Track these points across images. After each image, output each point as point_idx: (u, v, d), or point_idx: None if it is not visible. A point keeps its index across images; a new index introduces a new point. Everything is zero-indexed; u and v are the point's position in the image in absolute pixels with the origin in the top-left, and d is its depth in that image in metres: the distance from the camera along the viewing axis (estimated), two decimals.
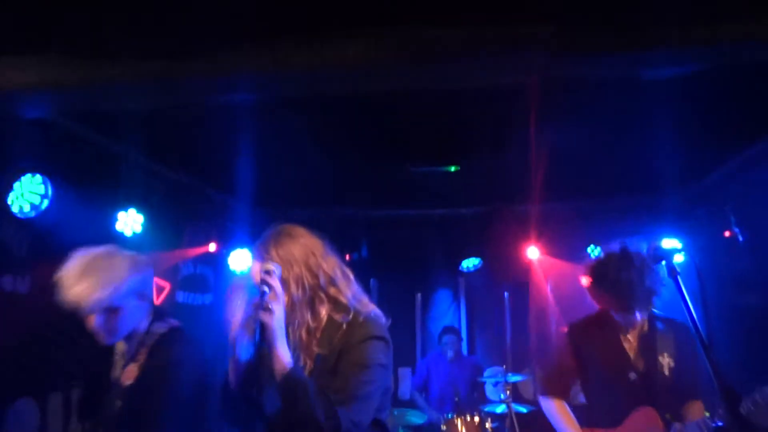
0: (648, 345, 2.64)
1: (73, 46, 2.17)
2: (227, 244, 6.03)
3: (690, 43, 2.20)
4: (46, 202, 3.13)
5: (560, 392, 2.82)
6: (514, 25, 1.95)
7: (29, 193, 3.08)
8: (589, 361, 2.74)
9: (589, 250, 6.11)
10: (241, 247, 6.07)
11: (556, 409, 2.79)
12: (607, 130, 4.01)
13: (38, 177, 3.10)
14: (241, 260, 6.08)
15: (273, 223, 2.11)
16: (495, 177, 5.16)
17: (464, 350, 6.45)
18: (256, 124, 3.83)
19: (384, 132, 3.87)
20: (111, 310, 2.11)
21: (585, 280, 2.71)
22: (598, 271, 2.64)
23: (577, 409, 2.83)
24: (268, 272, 1.87)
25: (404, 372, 6.57)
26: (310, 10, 2.03)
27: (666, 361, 2.57)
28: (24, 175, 3.07)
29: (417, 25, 1.98)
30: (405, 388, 6.43)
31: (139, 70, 2.13)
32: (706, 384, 2.43)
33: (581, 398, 2.86)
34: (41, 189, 3.11)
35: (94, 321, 2.12)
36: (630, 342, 2.69)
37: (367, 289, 6.71)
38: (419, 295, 6.90)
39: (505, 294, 6.54)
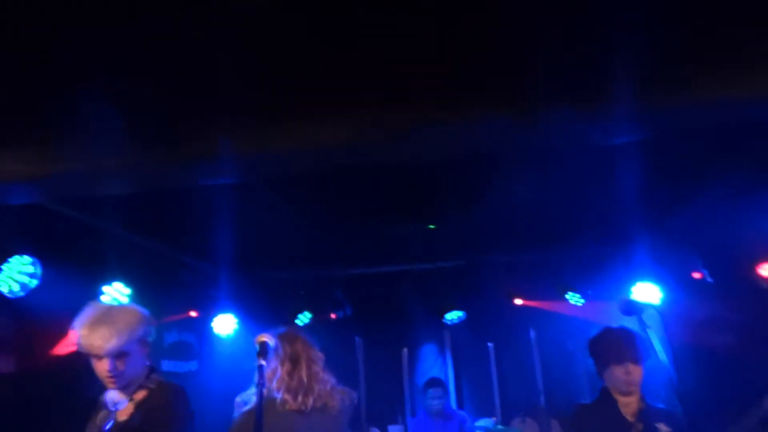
0: (645, 415, 2.87)
1: (60, 140, 2.29)
2: (210, 309, 6.07)
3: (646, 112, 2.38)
4: (35, 282, 3.19)
5: None
6: (469, 106, 2.12)
7: (18, 274, 3.14)
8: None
9: (568, 296, 6.27)
10: (224, 312, 6.11)
11: None
12: (573, 184, 4.20)
13: (27, 258, 3.17)
14: (224, 325, 6.10)
15: (253, 287, 2.29)
16: (471, 232, 5.32)
17: (453, 404, 6.45)
18: (233, 196, 3.95)
19: (359, 198, 4.02)
20: (122, 355, 2.33)
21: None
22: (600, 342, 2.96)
23: None
24: None
25: (395, 429, 6.54)
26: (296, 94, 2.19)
27: (663, 428, 2.79)
28: (12, 256, 3.14)
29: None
30: None
31: (125, 160, 2.26)
32: None
33: None
34: (30, 269, 3.18)
35: (107, 365, 2.32)
36: (629, 411, 2.92)
37: (352, 348, 6.75)
38: (405, 350, 6.93)
39: (489, 345, 6.61)
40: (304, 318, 6.63)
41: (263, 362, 2.18)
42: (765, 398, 2.59)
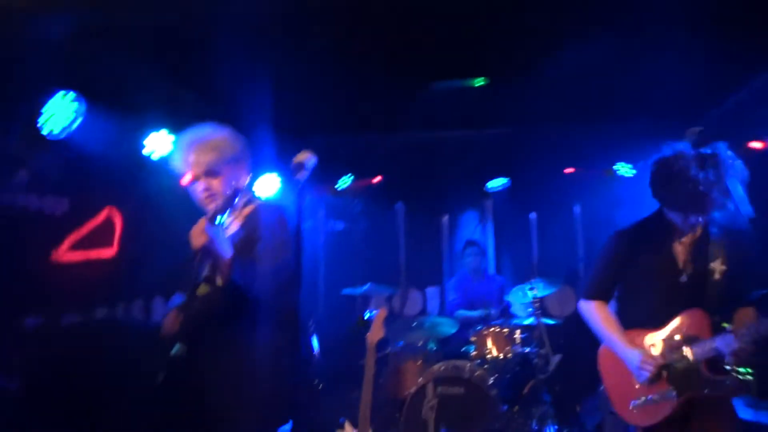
0: (701, 249, 2.59)
1: None
2: (253, 171, 6.08)
3: None
4: (78, 122, 3.17)
5: (603, 295, 2.79)
6: None
7: (61, 114, 3.11)
8: (637, 264, 2.69)
9: (617, 167, 6.06)
10: (268, 172, 6.13)
11: (597, 312, 2.76)
12: (634, 46, 3.87)
13: (71, 95, 3.13)
14: (267, 185, 6.15)
15: (295, 150, 2.22)
16: (522, 95, 5.06)
17: (491, 269, 6.54)
18: (276, 40, 3.77)
19: (406, 43, 3.77)
20: (215, 175, 2.38)
21: (653, 176, 2.62)
22: (673, 167, 2.51)
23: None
24: None
25: (432, 291, 6.72)
26: None
27: (718, 265, 2.54)
28: (56, 93, 3.09)
29: None
30: (433, 306, 6.60)
31: None
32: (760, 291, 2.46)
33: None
34: (73, 107, 3.14)
35: (201, 185, 2.39)
36: (683, 245, 2.63)
37: (393, 213, 6.82)
38: (446, 217, 6.93)
39: (532, 215, 6.54)
40: (345, 182, 6.64)
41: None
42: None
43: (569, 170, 6.18)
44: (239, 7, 3.23)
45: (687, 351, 2.49)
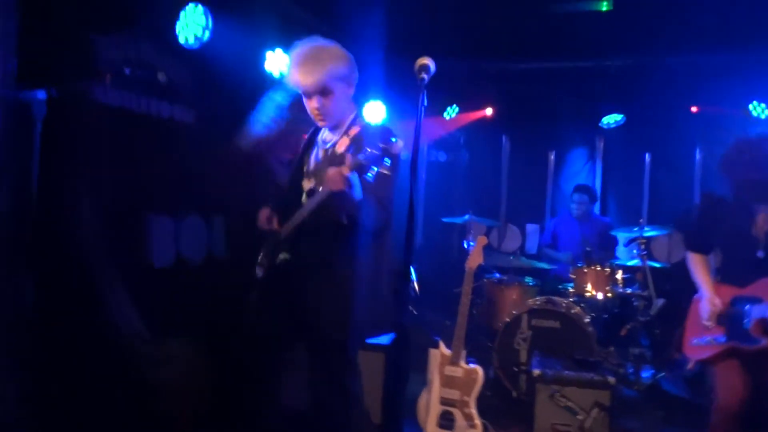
0: None
1: None
2: (358, 95, 6.14)
3: None
4: (207, 34, 3.33)
5: (700, 248, 3.02)
6: None
7: (193, 24, 3.28)
8: (723, 227, 2.91)
9: (751, 107, 5.55)
10: (374, 99, 6.17)
11: (693, 262, 3.02)
12: None
13: (200, 7, 3.28)
14: (375, 112, 6.20)
15: (402, 75, 2.19)
16: (644, 24, 4.71)
17: (596, 210, 6.33)
18: None
19: None
20: (328, 93, 2.42)
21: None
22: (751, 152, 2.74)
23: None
24: None
25: (532, 228, 6.63)
26: None
27: None
28: (188, 5, 3.25)
29: None
30: (532, 244, 6.53)
31: None
32: None
33: None
34: (203, 20, 3.30)
35: (315, 102, 2.44)
36: (762, 226, 2.78)
37: (498, 146, 6.71)
38: (553, 153, 6.72)
39: (646, 155, 6.19)
40: (451, 111, 6.57)
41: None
42: None
43: (694, 109, 5.74)
44: None
45: (747, 307, 2.72)
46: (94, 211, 2.89)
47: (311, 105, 2.46)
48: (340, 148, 2.48)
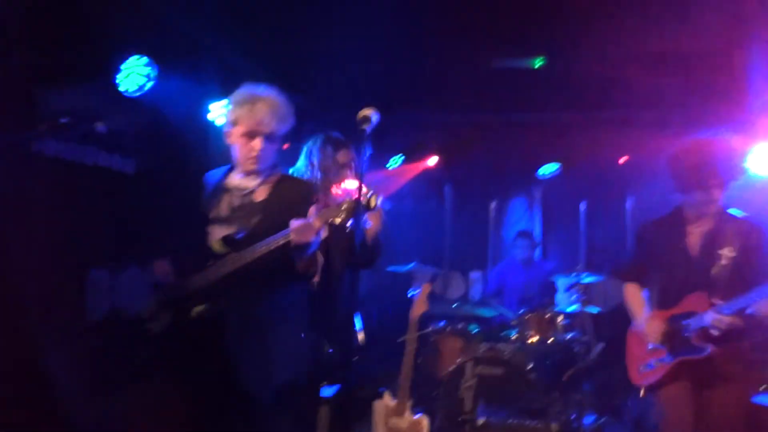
0: (712, 236, 2.88)
1: None
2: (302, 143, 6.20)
3: None
4: (150, 84, 3.32)
5: (635, 278, 3.17)
6: None
7: (136, 74, 3.27)
8: (655, 251, 3.05)
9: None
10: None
11: (629, 293, 3.18)
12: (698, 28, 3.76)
13: (144, 59, 3.28)
14: None
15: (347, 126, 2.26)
16: (580, 80, 4.99)
17: (537, 256, 6.51)
18: (335, 11, 3.80)
19: (467, 17, 3.76)
20: (272, 138, 2.43)
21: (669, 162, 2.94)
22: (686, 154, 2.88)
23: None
24: None
25: (476, 275, 6.74)
26: None
27: (727, 252, 2.80)
28: (131, 56, 3.25)
29: None
30: (475, 291, 6.62)
31: None
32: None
33: None
34: (146, 70, 3.30)
35: (259, 144, 2.41)
36: (695, 233, 2.93)
37: (441, 196, 6.82)
38: (494, 202, 6.91)
39: (582, 204, 6.46)
40: (395, 161, 6.70)
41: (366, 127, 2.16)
42: None
43: (623, 159, 6.06)
44: None
45: (684, 323, 2.83)
46: (30, 261, 2.78)
47: (253, 146, 2.40)
48: (260, 196, 2.45)
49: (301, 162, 3.04)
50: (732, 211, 2.94)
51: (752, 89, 4.74)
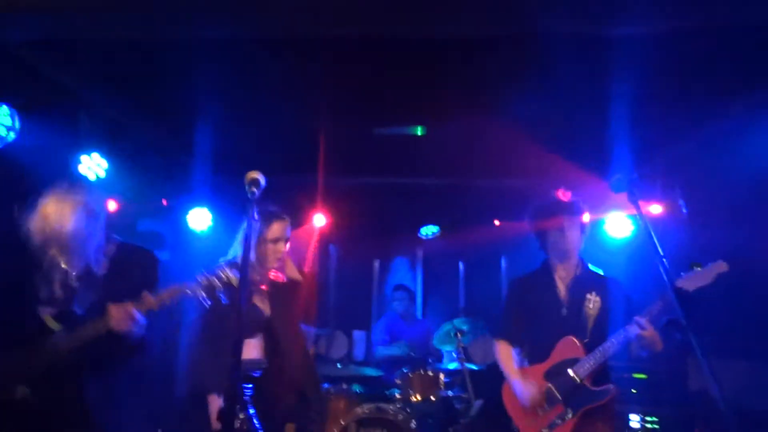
0: (578, 284, 3.06)
1: None
2: (184, 201, 6.01)
3: None
4: (12, 135, 3.08)
5: (506, 335, 3.23)
6: None
7: None
8: (527, 304, 3.15)
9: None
10: (199, 206, 6.06)
11: (499, 350, 3.22)
12: (569, 100, 4.15)
13: (5, 108, 3.05)
14: (199, 219, 6.07)
15: (230, 185, 2.25)
16: (457, 147, 5.28)
17: (419, 314, 6.63)
18: (219, 69, 3.79)
19: (350, 87, 3.91)
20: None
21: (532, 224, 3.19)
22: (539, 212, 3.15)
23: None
24: None
25: (359, 335, 6.71)
26: None
27: (593, 298, 2.97)
28: None
29: None
30: (359, 350, 6.58)
31: None
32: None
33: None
34: (7, 121, 3.06)
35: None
36: (562, 281, 3.09)
37: (325, 255, 6.78)
38: (377, 261, 7.02)
39: (461, 263, 6.74)
40: None
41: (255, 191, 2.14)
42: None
43: (497, 222, 6.44)
44: (189, 39, 3.26)
45: (570, 372, 2.87)
46: None
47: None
48: (100, 270, 2.35)
49: (236, 241, 3.01)
50: (591, 267, 3.17)
51: (612, 162, 5.29)
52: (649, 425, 4.81)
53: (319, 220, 6.44)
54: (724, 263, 2.67)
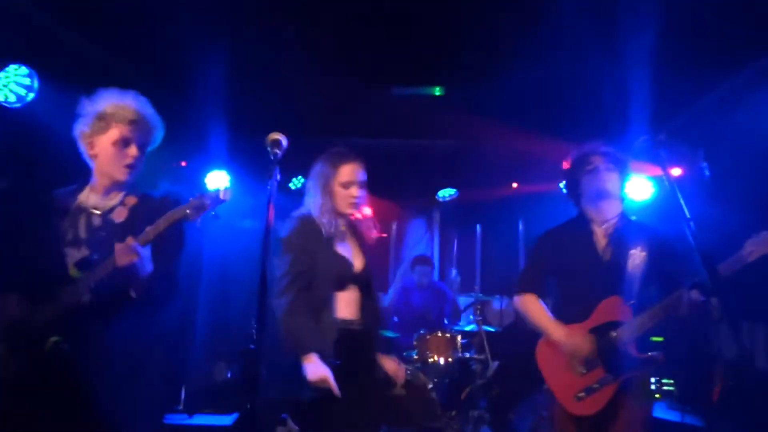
0: (619, 237, 2.74)
1: None
2: (203, 163, 6.03)
3: None
4: (31, 95, 3.08)
5: (535, 288, 2.88)
6: None
7: (15, 84, 3.02)
8: (561, 257, 2.82)
9: (561, 185, 6.30)
10: (218, 168, 6.07)
11: (529, 303, 2.85)
12: (588, 61, 4.06)
13: (24, 69, 3.04)
14: (217, 181, 6.08)
15: (249, 147, 2.20)
16: (475, 108, 5.22)
17: (435, 277, 6.66)
18: (235, 29, 3.74)
19: (369, 47, 3.84)
20: (146, 150, 2.32)
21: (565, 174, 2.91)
22: (577, 163, 2.83)
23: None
24: None
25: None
26: None
27: (639, 253, 2.65)
28: (9, 65, 3.00)
29: None
30: None
31: None
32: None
33: None
34: (26, 80, 3.06)
35: (137, 152, 2.29)
36: (602, 231, 2.78)
37: None
38: (394, 224, 7.03)
39: (478, 226, 6.72)
40: (297, 182, 6.64)
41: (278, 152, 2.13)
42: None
43: (515, 185, 6.39)
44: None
45: (614, 334, 2.60)
46: None
47: (128, 153, 2.28)
48: (120, 217, 2.30)
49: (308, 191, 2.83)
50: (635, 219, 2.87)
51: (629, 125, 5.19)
52: (666, 387, 4.85)
53: None
54: None
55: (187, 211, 2.08)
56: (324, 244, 2.64)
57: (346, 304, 2.64)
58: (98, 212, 2.30)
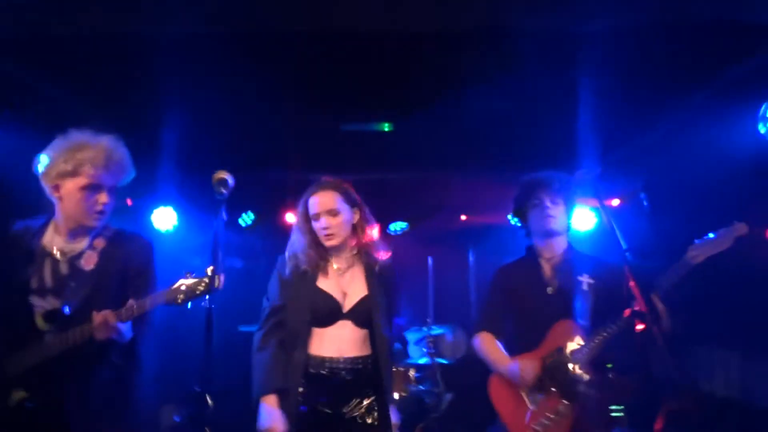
0: (568, 266, 2.86)
1: None
2: (149, 200, 5.91)
3: None
4: None
5: (490, 327, 2.99)
6: None
7: None
8: (513, 293, 2.94)
9: (509, 217, 6.44)
10: (165, 205, 5.97)
11: (483, 341, 2.95)
12: (533, 94, 4.21)
13: None
14: (164, 219, 5.97)
15: (197, 183, 2.21)
16: (425, 142, 5.32)
17: None
18: (183, 67, 3.74)
19: (318, 83, 3.90)
20: (116, 193, 2.27)
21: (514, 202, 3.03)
22: (524, 194, 2.97)
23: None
24: None
25: None
26: None
27: (588, 280, 2.74)
28: None
29: None
30: None
31: None
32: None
33: None
34: None
35: (107, 198, 2.25)
36: (548, 263, 2.91)
37: None
38: None
39: (429, 259, 6.77)
40: (247, 219, 6.57)
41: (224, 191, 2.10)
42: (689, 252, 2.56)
43: (464, 217, 6.50)
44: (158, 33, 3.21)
45: (567, 359, 2.64)
46: None
47: (98, 199, 2.22)
48: (89, 263, 2.22)
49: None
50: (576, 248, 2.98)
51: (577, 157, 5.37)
52: (615, 414, 4.92)
53: (291, 218, 6.40)
54: (744, 224, 2.47)
55: (179, 296, 2.05)
56: (307, 280, 2.61)
57: (329, 341, 2.57)
58: (65, 258, 2.20)
